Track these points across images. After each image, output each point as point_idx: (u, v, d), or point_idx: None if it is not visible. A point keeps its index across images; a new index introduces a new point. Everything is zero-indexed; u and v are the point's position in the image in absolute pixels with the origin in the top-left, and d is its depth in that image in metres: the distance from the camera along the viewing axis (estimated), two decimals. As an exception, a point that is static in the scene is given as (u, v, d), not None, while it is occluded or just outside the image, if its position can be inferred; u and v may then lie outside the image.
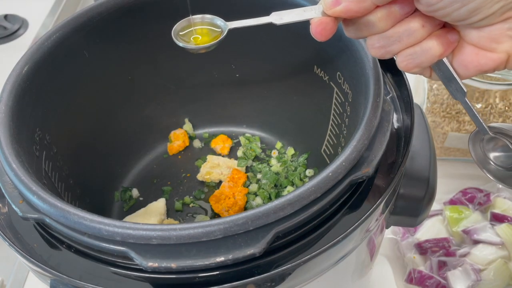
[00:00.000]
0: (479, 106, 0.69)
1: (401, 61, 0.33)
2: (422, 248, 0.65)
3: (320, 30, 0.33)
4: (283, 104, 0.62)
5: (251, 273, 0.34)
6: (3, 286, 0.62)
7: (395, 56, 0.34)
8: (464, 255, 0.63)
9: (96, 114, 0.55)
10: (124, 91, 0.57)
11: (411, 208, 0.44)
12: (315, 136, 0.58)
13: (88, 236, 0.34)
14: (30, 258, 0.36)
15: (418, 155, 0.45)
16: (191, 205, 0.60)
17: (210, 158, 0.63)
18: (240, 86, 0.62)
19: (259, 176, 0.62)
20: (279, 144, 0.64)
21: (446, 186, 0.70)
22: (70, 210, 0.33)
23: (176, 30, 0.37)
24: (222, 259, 0.32)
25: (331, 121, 0.54)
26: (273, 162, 0.63)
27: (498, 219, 0.66)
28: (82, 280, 0.34)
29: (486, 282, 0.60)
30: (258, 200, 0.59)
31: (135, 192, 0.61)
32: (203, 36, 0.37)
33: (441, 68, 0.34)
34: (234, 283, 0.33)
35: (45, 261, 0.36)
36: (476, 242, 0.64)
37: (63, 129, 0.49)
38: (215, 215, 0.59)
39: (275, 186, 0.60)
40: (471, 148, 0.41)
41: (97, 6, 0.48)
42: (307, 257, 0.35)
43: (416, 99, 0.72)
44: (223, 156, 0.64)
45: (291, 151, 0.63)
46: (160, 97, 0.62)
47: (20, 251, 0.37)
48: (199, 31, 0.37)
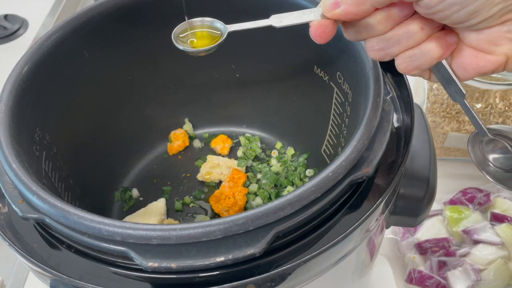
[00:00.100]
0: (479, 106, 0.69)
1: (400, 63, 0.33)
2: (422, 248, 0.65)
3: (319, 33, 0.33)
4: (283, 104, 0.62)
5: (251, 273, 0.34)
6: (3, 286, 0.62)
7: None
8: (464, 255, 0.63)
9: (96, 114, 0.55)
10: (124, 91, 0.57)
11: (411, 208, 0.44)
12: (315, 136, 0.58)
13: (88, 236, 0.34)
14: (30, 258, 0.36)
15: (418, 155, 0.45)
16: (191, 205, 0.60)
17: (210, 158, 0.63)
18: (240, 86, 0.62)
19: (259, 176, 0.62)
20: (279, 144, 0.64)
21: (446, 186, 0.70)
22: (70, 210, 0.33)
23: (176, 33, 0.37)
24: (222, 259, 0.32)
25: (331, 121, 0.54)
26: (273, 162, 0.63)
27: (498, 219, 0.66)
28: (82, 280, 0.34)
29: (486, 282, 0.60)
30: (258, 200, 0.59)
31: (135, 192, 0.61)
32: (203, 39, 0.37)
33: (440, 70, 0.34)
34: (234, 283, 0.33)
35: (45, 261, 0.36)
36: (476, 242, 0.64)
37: (63, 129, 0.49)
38: (215, 215, 0.59)
39: (275, 186, 0.60)
40: (470, 150, 0.41)
41: (97, 6, 0.48)
42: (307, 257, 0.35)
43: (416, 99, 0.72)
44: (223, 156, 0.64)
45: (291, 151, 0.63)
46: (160, 97, 0.62)
47: (20, 251, 0.37)
48: (198, 34, 0.37)
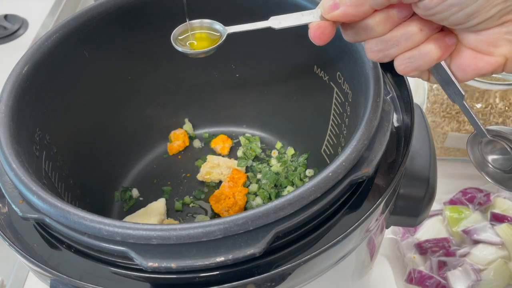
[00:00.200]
0: (479, 106, 0.69)
1: (399, 64, 0.33)
2: (422, 248, 0.65)
3: (318, 34, 0.33)
4: (283, 104, 0.62)
5: (251, 273, 0.34)
6: (3, 286, 0.62)
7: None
8: (464, 255, 0.63)
9: (96, 114, 0.55)
10: (124, 91, 0.57)
11: (411, 208, 0.44)
12: (315, 136, 0.58)
13: (88, 236, 0.34)
14: (30, 258, 0.36)
15: (418, 155, 0.45)
16: (191, 205, 0.60)
17: (210, 158, 0.63)
18: (240, 86, 0.62)
19: (259, 176, 0.62)
20: (279, 144, 0.64)
21: (446, 186, 0.70)
22: (70, 210, 0.33)
23: (175, 34, 0.37)
24: (222, 259, 0.32)
25: (331, 121, 0.54)
26: (273, 162, 0.63)
27: (498, 219, 0.66)
28: (82, 280, 0.34)
29: (486, 282, 0.60)
30: (258, 200, 0.59)
31: (135, 192, 0.61)
32: (202, 40, 0.37)
33: (439, 72, 0.34)
34: (234, 283, 0.33)
35: (45, 261, 0.36)
36: (476, 242, 0.64)
37: (63, 129, 0.49)
38: (215, 215, 0.59)
39: (275, 186, 0.60)
40: (469, 151, 0.41)
41: (97, 6, 0.48)
42: (307, 257, 0.35)
43: (416, 99, 0.72)
44: (223, 156, 0.64)
45: (291, 151, 0.63)
46: (160, 97, 0.62)
47: (20, 251, 0.37)
48: (198, 36, 0.37)
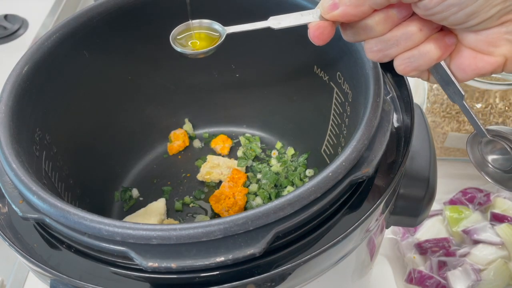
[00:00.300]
0: (479, 106, 0.69)
1: (398, 64, 0.33)
2: (422, 248, 0.65)
3: (318, 34, 0.33)
4: (283, 104, 0.62)
5: (251, 273, 0.34)
6: (3, 286, 0.62)
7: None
8: (464, 255, 0.63)
9: (96, 114, 0.55)
10: (124, 91, 0.57)
11: (411, 208, 0.44)
12: (315, 136, 0.58)
13: (88, 236, 0.34)
14: (30, 258, 0.36)
15: (418, 155, 0.45)
16: (191, 205, 0.60)
17: (210, 158, 0.63)
18: (240, 86, 0.62)
19: (259, 176, 0.62)
20: (279, 144, 0.64)
21: (446, 186, 0.70)
22: (70, 210, 0.33)
23: (174, 34, 0.37)
24: (222, 259, 0.32)
25: (331, 121, 0.54)
26: (273, 162, 0.63)
27: (498, 219, 0.66)
28: (82, 280, 0.34)
29: (486, 282, 0.60)
30: (258, 200, 0.59)
31: (135, 192, 0.61)
32: (201, 40, 0.37)
33: (439, 72, 0.34)
34: (234, 283, 0.33)
35: (45, 261, 0.36)
36: (476, 242, 0.64)
37: (63, 129, 0.49)
38: (215, 215, 0.59)
39: (275, 186, 0.60)
40: (469, 151, 0.41)
41: (97, 6, 0.48)
42: (307, 257, 0.35)
43: (416, 99, 0.72)
44: (223, 156, 0.64)
45: (291, 151, 0.63)
46: (160, 97, 0.62)
47: (20, 251, 0.37)
48: (197, 36, 0.37)
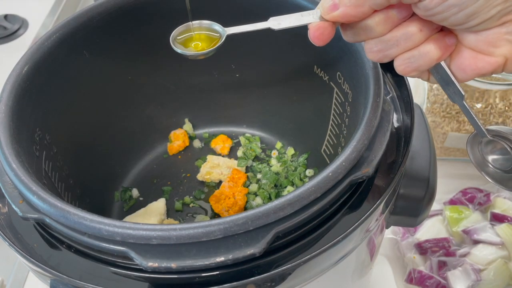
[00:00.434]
0: (479, 106, 0.69)
1: (399, 64, 0.33)
2: (422, 248, 0.65)
3: (318, 35, 0.33)
4: (283, 104, 0.62)
5: (251, 273, 0.34)
6: (3, 286, 0.62)
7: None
8: (464, 255, 0.63)
9: (96, 114, 0.55)
10: (124, 91, 0.57)
11: (411, 208, 0.44)
12: (315, 136, 0.58)
13: (88, 236, 0.34)
14: (30, 258, 0.36)
15: (418, 155, 0.45)
16: (191, 205, 0.60)
17: (210, 158, 0.63)
18: (240, 86, 0.62)
19: (259, 176, 0.62)
20: (279, 144, 0.64)
21: (446, 186, 0.70)
22: (70, 210, 0.33)
23: (174, 36, 0.37)
24: (222, 259, 0.32)
25: (331, 121, 0.54)
26: (273, 162, 0.63)
27: (498, 219, 0.66)
28: (82, 280, 0.34)
29: (486, 282, 0.60)
30: (258, 200, 0.59)
31: (135, 192, 0.61)
32: (201, 41, 0.37)
33: (439, 72, 0.34)
34: (234, 283, 0.33)
35: (45, 261, 0.36)
36: (476, 242, 0.64)
37: (63, 129, 0.49)
38: (215, 215, 0.59)
39: (275, 186, 0.60)
40: (469, 151, 0.41)
41: (97, 6, 0.48)
42: (307, 257, 0.35)
43: (416, 99, 0.72)
44: (223, 156, 0.64)
45: (291, 151, 0.63)
46: (160, 97, 0.62)
47: (20, 251, 0.37)
48: (197, 37, 0.37)
